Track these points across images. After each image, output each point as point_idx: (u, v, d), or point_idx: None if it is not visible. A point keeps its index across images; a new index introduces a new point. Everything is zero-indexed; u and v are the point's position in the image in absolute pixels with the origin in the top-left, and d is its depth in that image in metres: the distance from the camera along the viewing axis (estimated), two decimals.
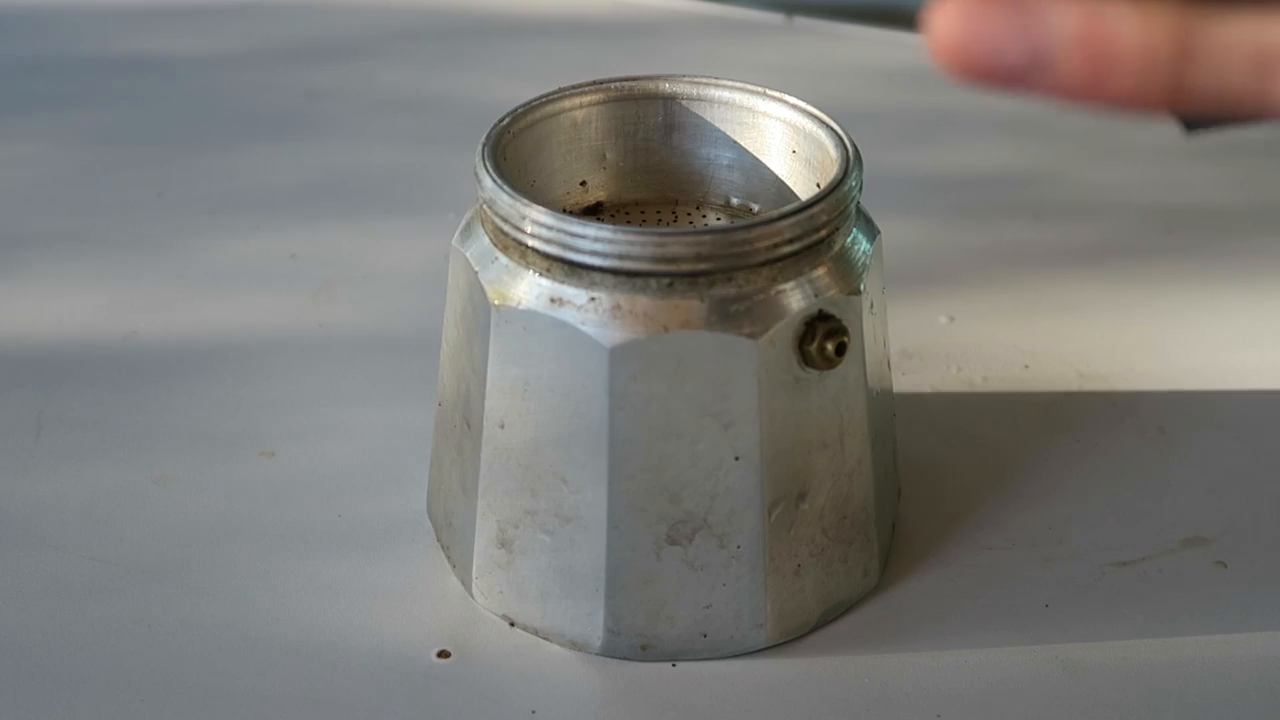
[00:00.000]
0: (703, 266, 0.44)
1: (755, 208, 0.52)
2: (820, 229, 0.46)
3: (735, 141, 0.52)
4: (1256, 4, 0.22)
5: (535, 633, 0.49)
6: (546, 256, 0.45)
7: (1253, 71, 0.22)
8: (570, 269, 0.45)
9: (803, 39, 0.85)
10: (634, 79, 0.52)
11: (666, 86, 0.52)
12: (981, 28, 0.23)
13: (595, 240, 0.44)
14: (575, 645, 0.49)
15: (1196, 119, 0.24)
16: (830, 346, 0.45)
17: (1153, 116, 0.23)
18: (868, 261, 0.47)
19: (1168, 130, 0.32)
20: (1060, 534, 0.53)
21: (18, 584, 0.51)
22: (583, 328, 0.45)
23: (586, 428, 0.46)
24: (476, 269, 0.47)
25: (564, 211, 0.46)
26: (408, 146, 0.76)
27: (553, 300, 0.45)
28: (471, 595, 0.50)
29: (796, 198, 0.50)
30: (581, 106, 0.51)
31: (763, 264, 0.45)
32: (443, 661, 0.49)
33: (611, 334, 0.45)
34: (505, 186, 0.46)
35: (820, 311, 0.45)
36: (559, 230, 0.45)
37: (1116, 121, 0.71)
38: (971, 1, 0.23)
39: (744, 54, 0.84)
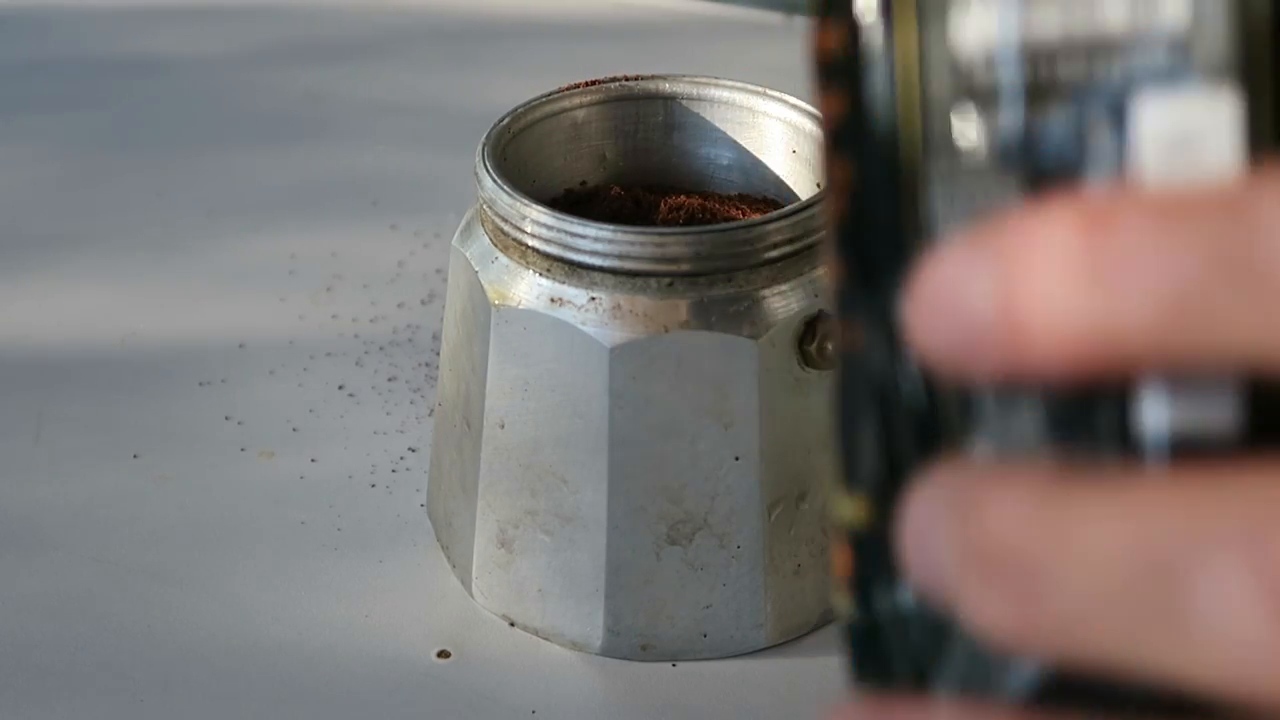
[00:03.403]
0: (703, 266, 0.44)
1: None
2: (820, 229, 0.46)
3: (735, 141, 0.52)
4: None
5: (535, 633, 0.49)
6: (546, 256, 0.45)
7: None
8: (570, 269, 0.45)
9: (803, 39, 0.85)
10: (634, 79, 0.52)
11: (666, 86, 0.52)
12: None
13: (595, 240, 0.44)
14: (575, 645, 0.49)
15: None
16: (830, 346, 0.45)
17: None
18: None
19: None
20: None
21: (18, 584, 0.51)
22: (583, 328, 0.45)
23: (586, 428, 0.46)
24: (476, 269, 0.47)
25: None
26: (408, 147, 0.76)
27: (553, 300, 0.45)
28: (471, 595, 0.50)
29: (797, 198, 0.50)
30: (581, 106, 0.51)
31: (762, 264, 0.45)
32: (443, 661, 0.49)
33: (611, 334, 0.45)
34: (505, 186, 0.46)
35: (820, 311, 0.45)
36: (559, 230, 0.45)
37: None
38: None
39: (744, 54, 0.84)
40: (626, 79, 0.52)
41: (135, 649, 0.49)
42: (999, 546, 0.20)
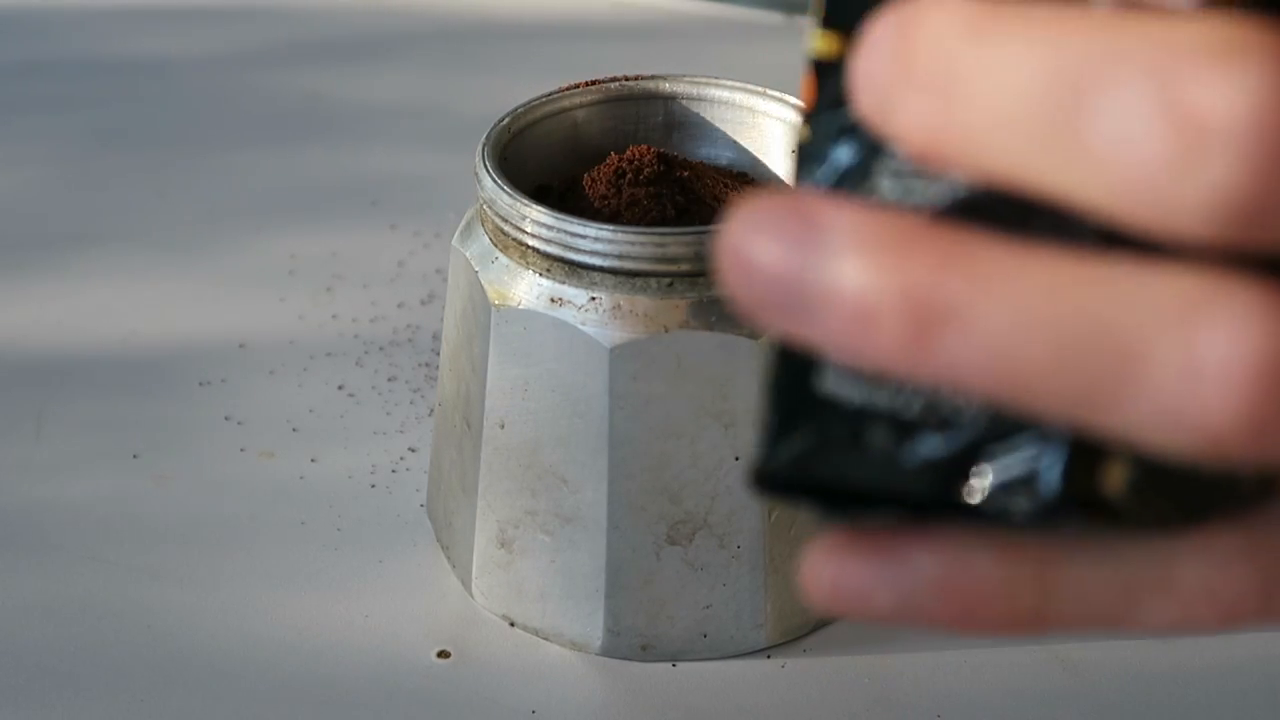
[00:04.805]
0: (703, 266, 0.44)
1: None
2: None
3: (735, 141, 0.52)
4: (1112, 542, 0.23)
5: (535, 633, 0.49)
6: (546, 256, 0.45)
7: (1116, 602, 0.23)
8: (570, 269, 0.45)
9: (803, 39, 0.85)
10: (634, 79, 0.52)
11: (666, 86, 0.52)
12: (850, 577, 0.24)
13: (595, 240, 0.44)
14: (575, 645, 0.48)
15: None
16: None
17: (1024, 637, 0.24)
18: None
19: None
20: None
21: (18, 584, 0.51)
22: (583, 328, 0.45)
23: (586, 428, 0.46)
24: (476, 269, 0.47)
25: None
26: (408, 147, 0.76)
27: (553, 300, 0.45)
28: (471, 595, 0.50)
29: None
30: (581, 106, 0.51)
31: None
32: (443, 661, 0.49)
33: (611, 334, 0.45)
34: (505, 186, 0.46)
35: None
36: (559, 230, 0.45)
37: None
38: (839, 550, 0.24)
39: (744, 54, 0.84)
40: (626, 79, 0.52)
41: (135, 649, 0.49)
42: (926, 58, 0.22)
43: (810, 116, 0.24)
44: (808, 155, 0.24)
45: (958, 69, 0.21)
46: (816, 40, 0.25)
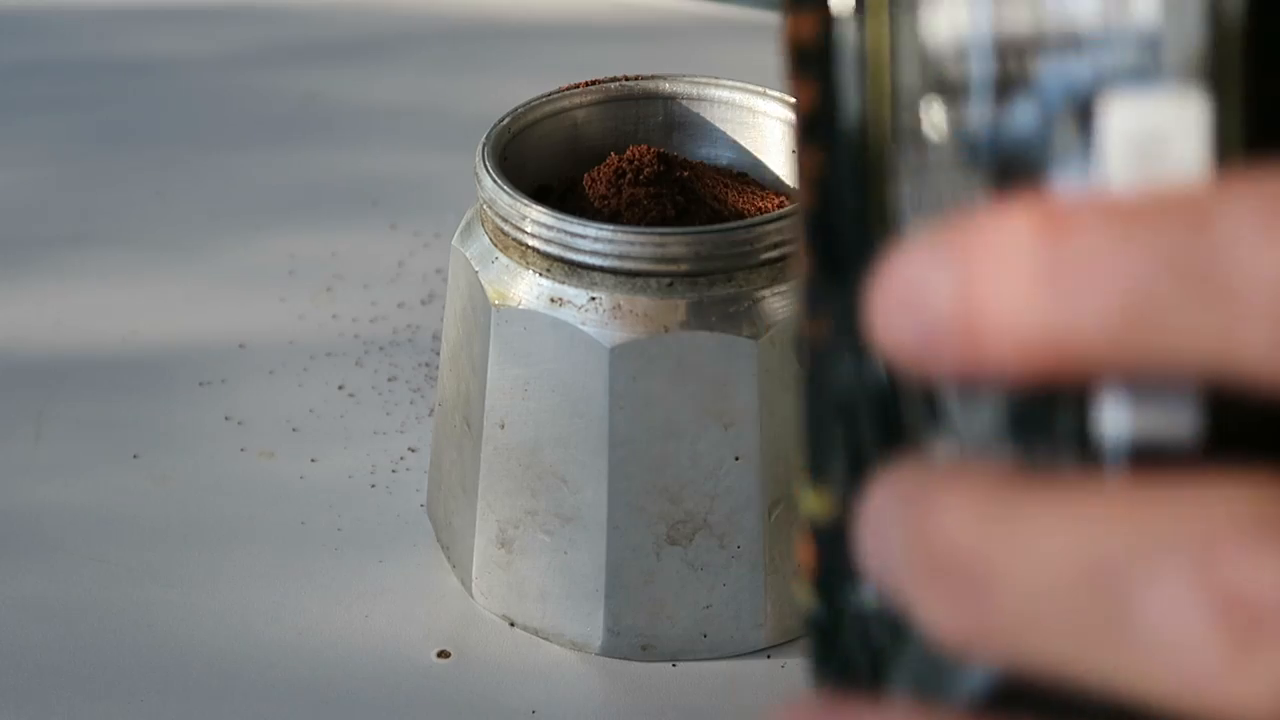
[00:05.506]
0: (703, 266, 0.44)
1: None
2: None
3: (735, 141, 0.52)
4: None
5: (535, 633, 0.49)
6: (546, 256, 0.45)
7: None
8: (570, 269, 0.45)
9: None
10: (634, 79, 0.52)
11: (666, 86, 0.52)
12: None
13: (595, 240, 0.44)
14: (575, 645, 0.49)
15: None
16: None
17: None
18: None
19: None
20: None
21: (18, 584, 0.51)
22: (583, 328, 0.45)
23: (586, 428, 0.46)
24: (476, 269, 0.47)
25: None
26: (408, 147, 0.76)
27: (553, 300, 0.45)
28: (471, 595, 0.50)
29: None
30: (581, 106, 0.51)
31: (763, 264, 0.45)
32: (443, 661, 0.49)
33: (611, 334, 0.45)
34: (505, 186, 0.46)
35: None
36: (559, 230, 0.45)
37: None
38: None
39: (744, 54, 0.84)
40: (626, 79, 0.52)
41: (135, 649, 0.49)
42: (948, 547, 0.20)
43: (819, 585, 0.23)
44: (823, 638, 0.23)
45: (984, 558, 0.20)
46: (808, 500, 0.23)
